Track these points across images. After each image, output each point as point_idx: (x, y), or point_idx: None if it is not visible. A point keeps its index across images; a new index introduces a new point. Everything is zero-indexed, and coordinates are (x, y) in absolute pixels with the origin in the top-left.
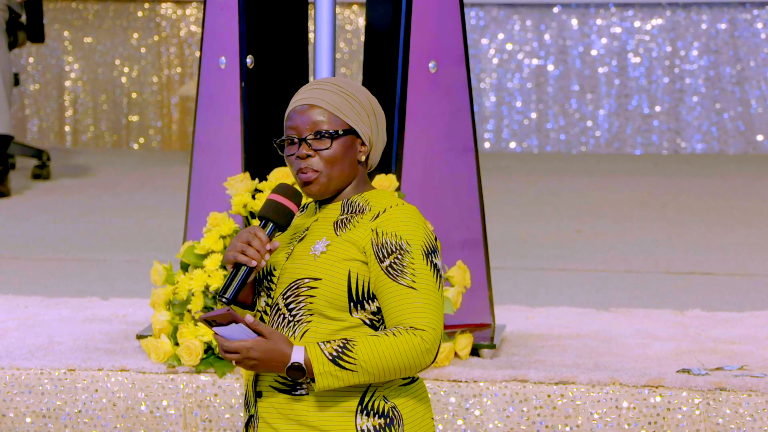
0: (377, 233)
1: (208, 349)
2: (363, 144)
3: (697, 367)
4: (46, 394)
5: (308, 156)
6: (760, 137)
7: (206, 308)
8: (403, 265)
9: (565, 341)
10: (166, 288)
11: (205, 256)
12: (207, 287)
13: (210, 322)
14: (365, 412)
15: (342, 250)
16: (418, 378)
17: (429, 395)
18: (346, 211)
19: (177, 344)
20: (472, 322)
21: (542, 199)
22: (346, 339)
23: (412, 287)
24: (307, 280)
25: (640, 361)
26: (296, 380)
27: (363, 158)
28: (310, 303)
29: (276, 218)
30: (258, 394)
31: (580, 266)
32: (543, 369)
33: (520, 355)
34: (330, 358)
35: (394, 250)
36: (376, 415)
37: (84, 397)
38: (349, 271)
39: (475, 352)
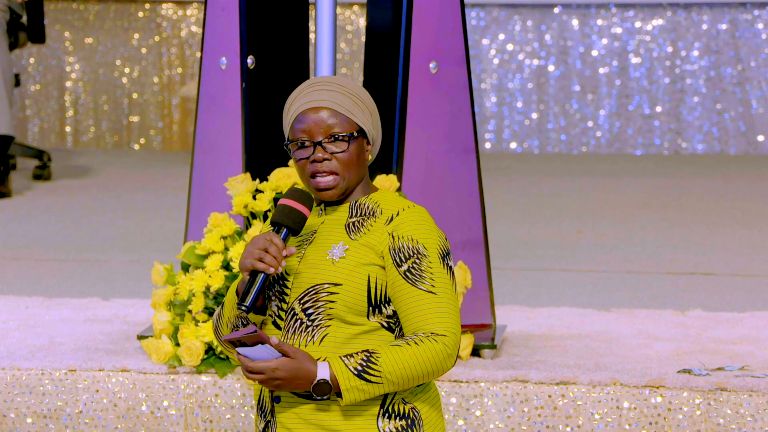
0: (394, 237)
1: (209, 349)
2: (368, 143)
3: (698, 368)
4: (47, 395)
5: (324, 160)
6: (761, 138)
7: (207, 309)
8: (421, 270)
9: (566, 342)
10: (167, 288)
11: (206, 257)
12: (208, 288)
13: (234, 343)
14: (387, 414)
15: (361, 254)
16: None
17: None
18: (355, 214)
19: (178, 345)
20: (473, 322)
21: (543, 200)
22: (368, 351)
23: (431, 292)
24: (326, 286)
25: (641, 362)
26: (322, 396)
27: (370, 157)
28: (330, 308)
29: (290, 223)
30: (276, 400)
31: (581, 267)
32: (544, 369)
33: (521, 356)
34: (355, 372)
35: (412, 254)
36: (398, 417)
37: (85, 398)
38: (369, 276)
39: (476, 352)
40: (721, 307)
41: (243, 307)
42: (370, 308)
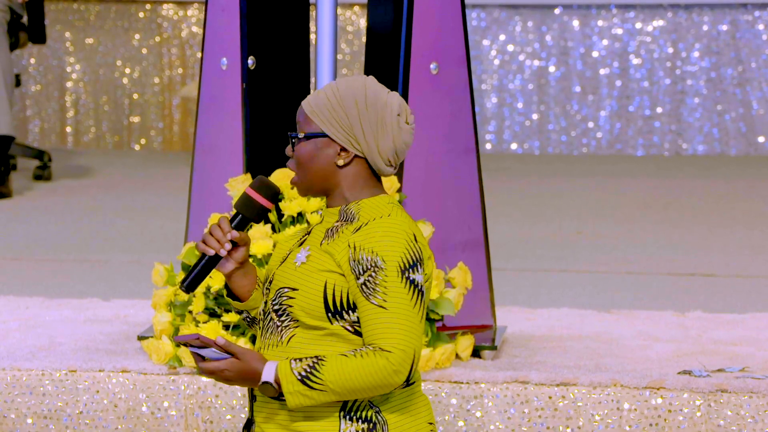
0: (354, 248)
1: None
2: (344, 150)
3: (699, 369)
4: (47, 395)
5: (289, 157)
6: (761, 139)
7: (207, 309)
8: (375, 283)
9: (567, 343)
10: (167, 289)
11: None
12: (208, 288)
13: (186, 344)
14: (348, 416)
15: (320, 261)
16: (413, 382)
17: (426, 398)
18: (341, 218)
19: (178, 345)
20: (473, 323)
21: (543, 201)
22: (317, 358)
23: (382, 306)
24: (286, 290)
25: (641, 363)
26: (271, 396)
27: (341, 162)
28: (291, 311)
29: (244, 211)
30: (253, 399)
31: (582, 267)
32: (544, 370)
33: (521, 357)
34: (299, 378)
35: (369, 267)
36: (360, 420)
37: (85, 398)
38: (326, 283)
39: (476, 353)
40: (722, 308)
41: (182, 288)
42: (329, 314)
